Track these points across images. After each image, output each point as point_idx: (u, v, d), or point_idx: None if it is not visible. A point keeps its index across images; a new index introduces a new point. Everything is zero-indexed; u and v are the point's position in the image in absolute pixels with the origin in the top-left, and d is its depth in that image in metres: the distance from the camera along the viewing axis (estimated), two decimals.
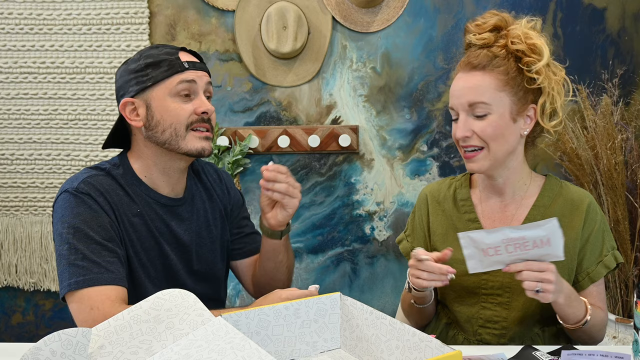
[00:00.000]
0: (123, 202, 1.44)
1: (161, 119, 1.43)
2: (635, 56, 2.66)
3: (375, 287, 2.79)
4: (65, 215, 1.38)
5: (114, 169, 1.48)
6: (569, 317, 1.36)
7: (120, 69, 1.49)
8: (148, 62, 1.43)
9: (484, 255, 1.31)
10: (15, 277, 2.79)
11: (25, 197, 2.75)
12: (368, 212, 2.76)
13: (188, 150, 1.45)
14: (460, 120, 1.42)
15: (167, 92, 1.43)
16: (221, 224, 1.62)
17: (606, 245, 1.48)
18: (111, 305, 1.30)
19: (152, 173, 1.49)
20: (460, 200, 1.55)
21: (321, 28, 2.67)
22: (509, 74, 1.40)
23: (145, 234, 1.45)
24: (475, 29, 1.45)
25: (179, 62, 1.44)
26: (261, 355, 1.00)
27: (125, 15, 2.65)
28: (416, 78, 2.70)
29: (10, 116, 2.71)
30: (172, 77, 1.43)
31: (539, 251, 1.28)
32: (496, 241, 1.29)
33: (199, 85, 1.45)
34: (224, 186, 1.66)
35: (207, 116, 1.46)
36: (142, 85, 1.43)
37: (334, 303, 1.30)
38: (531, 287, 1.28)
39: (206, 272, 1.57)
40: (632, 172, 2.46)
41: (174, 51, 1.46)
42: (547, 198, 1.49)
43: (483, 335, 1.47)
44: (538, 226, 1.27)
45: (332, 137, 2.70)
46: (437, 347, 1.07)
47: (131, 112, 1.45)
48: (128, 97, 1.44)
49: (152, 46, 1.49)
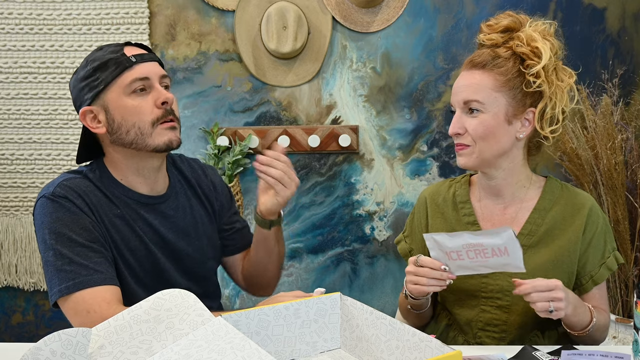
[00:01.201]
0: (102, 203, 1.41)
1: (122, 120, 1.40)
2: (635, 56, 2.66)
3: (375, 287, 2.79)
4: (45, 221, 1.36)
5: (90, 172, 1.45)
6: (575, 325, 1.36)
7: (71, 79, 1.46)
8: (95, 66, 1.39)
9: (449, 260, 1.33)
10: (15, 277, 2.79)
11: (25, 197, 2.75)
12: (368, 212, 2.76)
13: (156, 146, 1.41)
14: (455, 116, 1.44)
15: (121, 92, 1.39)
16: (208, 220, 1.59)
17: (608, 247, 1.47)
18: (108, 307, 1.29)
19: (127, 175, 1.46)
20: (459, 203, 1.55)
21: (321, 28, 2.67)
22: (508, 75, 1.40)
23: (128, 234, 1.43)
24: (487, 29, 1.46)
25: (126, 58, 1.39)
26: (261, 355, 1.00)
27: (125, 15, 2.65)
28: (416, 78, 2.70)
29: (10, 116, 2.71)
30: (123, 75, 1.39)
31: (499, 260, 1.28)
32: (457, 246, 1.30)
33: (152, 79, 1.41)
34: (209, 182, 1.62)
35: (168, 106, 1.42)
36: (94, 90, 1.40)
37: (334, 303, 1.30)
38: (544, 308, 1.27)
39: (195, 269, 1.54)
40: (632, 172, 2.46)
41: (119, 48, 1.42)
42: (548, 201, 1.48)
43: (483, 338, 1.47)
44: (495, 234, 1.27)
45: (332, 137, 2.70)
46: (437, 347, 1.07)
47: (92, 120, 1.42)
48: (85, 106, 1.41)
49: (96, 49, 1.45)
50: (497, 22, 1.45)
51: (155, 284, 1.43)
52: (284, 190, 1.46)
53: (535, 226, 1.47)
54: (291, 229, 2.78)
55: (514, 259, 1.28)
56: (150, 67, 1.42)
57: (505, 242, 1.27)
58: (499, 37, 1.43)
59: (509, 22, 1.44)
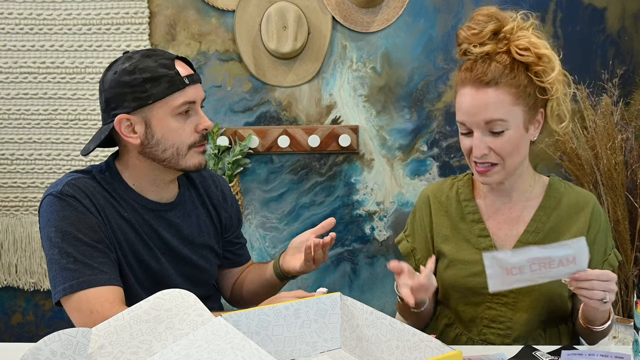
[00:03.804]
0: (109, 204, 1.41)
1: (162, 138, 1.40)
2: (635, 56, 2.66)
3: (375, 287, 2.79)
4: (51, 219, 1.36)
5: (99, 174, 1.45)
6: (597, 319, 1.36)
7: (107, 77, 1.41)
8: (146, 77, 1.36)
9: (507, 275, 1.28)
10: (15, 277, 2.78)
11: (25, 197, 2.75)
12: (368, 212, 2.76)
13: (187, 167, 1.43)
14: (476, 137, 1.38)
15: (168, 111, 1.39)
16: (213, 230, 1.59)
17: (609, 244, 1.49)
18: (111, 307, 1.30)
19: (141, 183, 1.47)
20: (463, 201, 1.54)
21: (321, 28, 2.67)
22: (520, 86, 1.37)
23: (133, 238, 1.43)
24: (474, 38, 1.40)
25: (179, 79, 1.38)
26: (261, 355, 1.00)
27: (125, 15, 2.65)
28: (416, 78, 2.70)
29: (10, 116, 2.71)
30: (174, 96, 1.38)
31: (564, 269, 1.26)
32: (521, 261, 1.26)
33: (197, 103, 1.43)
34: (219, 192, 1.63)
35: (206, 132, 1.45)
36: (140, 102, 1.37)
37: (334, 303, 1.30)
38: (601, 297, 1.25)
39: (198, 276, 1.56)
40: (632, 172, 2.46)
41: (170, 63, 1.40)
42: (553, 200, 1.49)
43: (487, 335, 1.47)
44: (566, 246, 1.24)
45: (332, 137, 2.70)
46: (437, 347, 1.07)
47: (127, 129, 1.40)
48: (124, 114, 1.38)
49: (144, 53, 1.41)
50: (482, 29, 1.39)
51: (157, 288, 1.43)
52: (313, 268, 1.51)
53: (541, 224, 1.47)
54: (291, 229, 2.78)
55: (580, 266, 1.26)
56: (197, 91, 1.43)
57: (576, 252, 1.25)
58: (492, 46, 1.38)
59: (493, 27, 1.38)
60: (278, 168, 2.76)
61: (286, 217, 2.77)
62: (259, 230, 2.77)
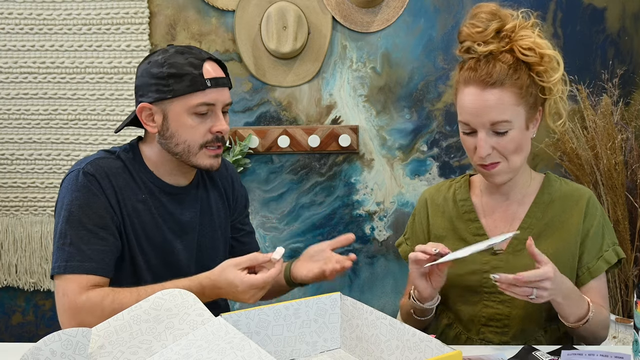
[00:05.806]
0: (129, 187, 1.46)
1: (176, 132, 1.44)
2: (635, 56, 2.66)
3: (375, 287, 2.79)
4: (66, 196, 1.41)
5: (124, 152, 1.50)
6: (569, 316, 1.36)
7: (142, 64, 1.47)
8: (171, 72, 1.41)
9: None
10: (15, 277, 2.79)
11: (25, 197, 2.75)
12: (368, 212, 2.76)
13: (197, 165, 1.47)
14: (480, 138, 1.38)
15: (185, 109, 1.42)
16: (224, 214, 1.63)
17: (606, 240, 1.47)
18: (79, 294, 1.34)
19: (159, 168, 1.51)
20: (460, 200, 1.55)
21: (321, 28, 2.67)
22: (523, 86, 1.37)
23: (148, 220, 1.47)
24: (478, 37, 1.39)
25: (202, 80, 1.42)
26: (261, 355, 1.00)
27: (125, 15, 2.65)
28: (416, 78, 2.69)
29: (10, 116, 2.71)
30: (193, 95, 1.42)
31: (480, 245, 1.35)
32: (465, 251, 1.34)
33: (217, 106, 1.45)
34: (228, 176, 1.67)
35: (221, 135, 1.47)
36: (161, 95, 1.42)
37: (334, 303, 1.30)
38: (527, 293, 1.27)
39: (208, 262, 1.56)
40: (632, 172, 2.46)
41: (199, 63, 1.43)
42: (547, 195, 1.49)
43: (486, 333, 1.47)
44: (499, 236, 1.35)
45: (332, 137, 2.70)
46: (437, 347, 1.07)
47: (147, 117, 1.46)
48: (146, 102, 1.44)
49: (179, 49, 1.45)
50: (486, 28, 1.38)
51: (167, 273, 1.46)
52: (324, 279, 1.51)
53: (535, 220, 1.48)
54: (291, 229, 2.78)
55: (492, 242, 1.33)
56: (220, 95, 1.45)
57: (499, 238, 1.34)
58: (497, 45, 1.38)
59: (497, 26, 1.38)
60: (278, 168, 2.76)
61: (286, 217, 2.77)
62: (259, 230, 2.77)
